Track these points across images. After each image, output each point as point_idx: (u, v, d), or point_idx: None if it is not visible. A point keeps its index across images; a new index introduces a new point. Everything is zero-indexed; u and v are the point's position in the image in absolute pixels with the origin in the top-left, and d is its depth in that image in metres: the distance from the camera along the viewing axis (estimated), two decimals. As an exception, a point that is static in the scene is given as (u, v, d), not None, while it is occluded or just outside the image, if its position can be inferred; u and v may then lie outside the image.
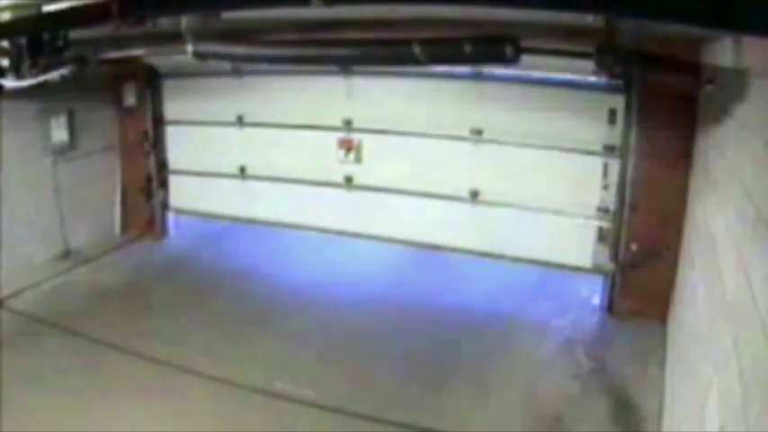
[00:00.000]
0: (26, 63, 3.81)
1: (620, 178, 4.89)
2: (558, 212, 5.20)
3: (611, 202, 4.99)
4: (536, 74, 4.91)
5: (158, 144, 6.71)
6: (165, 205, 6.89)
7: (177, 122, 6.65)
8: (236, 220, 6.73)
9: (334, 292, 5.56)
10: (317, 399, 3.92)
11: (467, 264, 6.17)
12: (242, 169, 6.43)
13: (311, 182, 6.10)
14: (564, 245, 5.24)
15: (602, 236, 5.09)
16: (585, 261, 5.19)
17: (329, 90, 5.82)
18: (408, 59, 3.66)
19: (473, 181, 5.48)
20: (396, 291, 5.62)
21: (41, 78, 4.01)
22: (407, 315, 5.13)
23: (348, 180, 5.97)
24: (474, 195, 5.50)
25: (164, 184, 6.84)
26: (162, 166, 6.79)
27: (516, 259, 5.47)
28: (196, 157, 6.63)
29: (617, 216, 4.96)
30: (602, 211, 5.05)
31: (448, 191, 5.57)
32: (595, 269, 5.18)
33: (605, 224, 5.07)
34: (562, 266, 5.32)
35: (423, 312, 5.18)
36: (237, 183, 6.50)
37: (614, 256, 5.01)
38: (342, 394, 3.98)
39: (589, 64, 3.65)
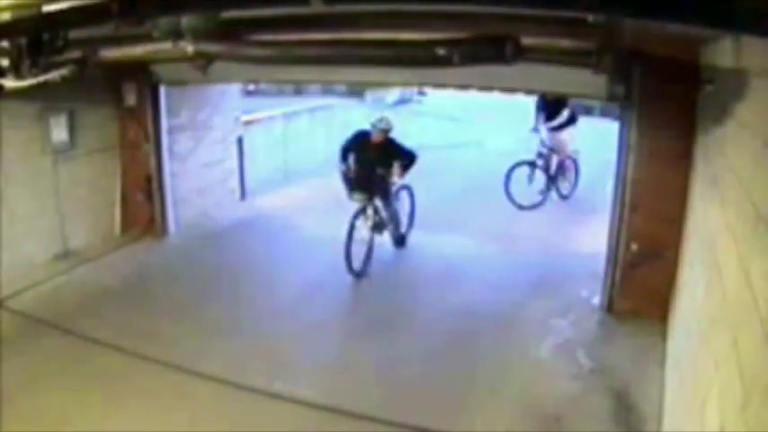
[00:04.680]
0: (26, 63, 3.80)
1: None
2: None
3: None
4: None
5: None
6: (158, 80, 6.50)
7: None
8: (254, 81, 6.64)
9: (332, 293, 5.57)
10: (316, 398, 3.92)
11: (466, 265, 6.19)
12: None
13: None
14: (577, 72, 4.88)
15: None
16: (600, 91, 4.76)
17: None
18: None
19: None
20: (393, 290, 5.62)
21: (41, 78, 4.00)
22: (404, 314, 5.14)
23: None
24: None
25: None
26: None
27: (529, 91, 5.23)
28: None
29: None
30: None
31: None
32: (611, 97, 4.75)
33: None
34: (576, 95, 5.09)
35: (421, 312, 5.18)
36: None
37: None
38: (341, 395, 3.98)
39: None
